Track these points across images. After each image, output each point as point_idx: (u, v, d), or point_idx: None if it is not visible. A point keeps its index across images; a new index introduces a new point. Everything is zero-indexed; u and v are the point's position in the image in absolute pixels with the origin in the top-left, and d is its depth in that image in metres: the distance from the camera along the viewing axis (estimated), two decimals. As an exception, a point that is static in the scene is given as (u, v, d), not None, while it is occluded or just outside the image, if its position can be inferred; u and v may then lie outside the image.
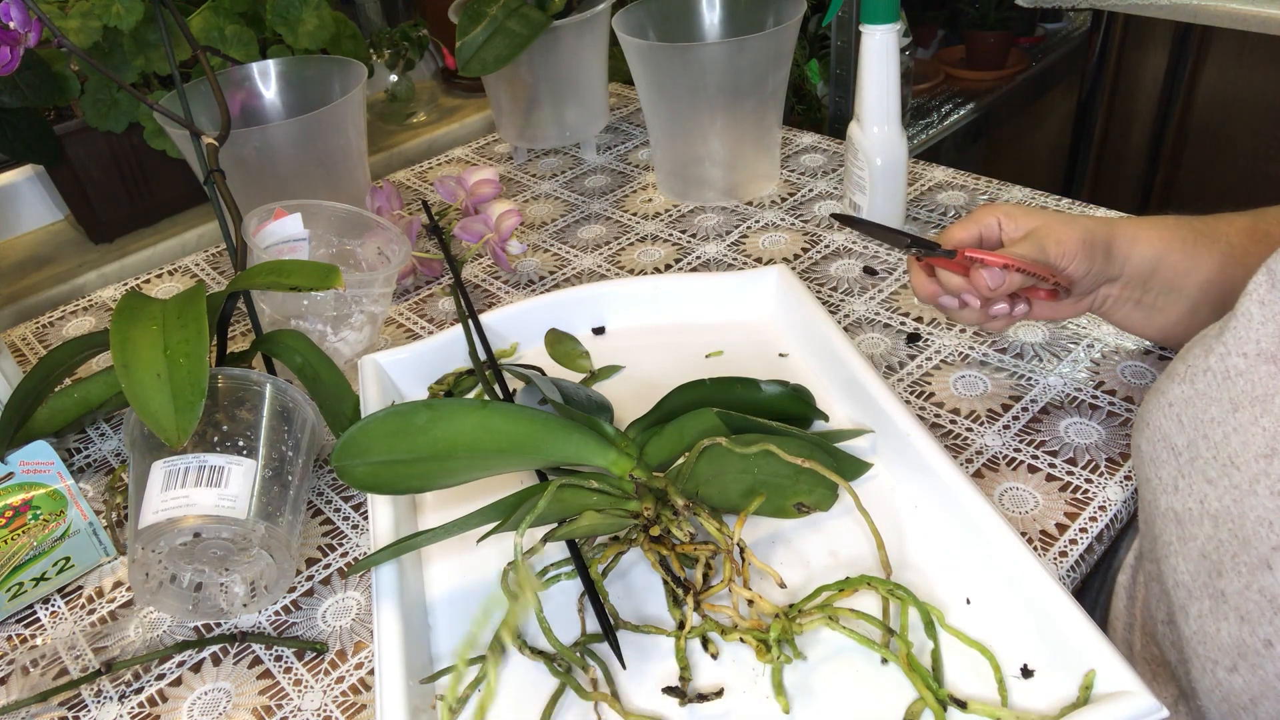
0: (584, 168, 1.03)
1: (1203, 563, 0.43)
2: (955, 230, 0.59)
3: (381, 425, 0.49)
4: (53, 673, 0.55)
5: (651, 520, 0.50)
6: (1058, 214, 0.57)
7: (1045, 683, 0.45)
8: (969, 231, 0.58)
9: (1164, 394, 0.47)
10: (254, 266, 0.59)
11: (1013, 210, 0.59)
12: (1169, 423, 0.46)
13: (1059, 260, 0.56)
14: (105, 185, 0.98)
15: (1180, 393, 0.45)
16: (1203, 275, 0.57)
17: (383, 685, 0.45)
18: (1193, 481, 0.44)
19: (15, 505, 0.56)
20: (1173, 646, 0.47)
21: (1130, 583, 0.57)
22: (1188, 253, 0.57)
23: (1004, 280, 0.56)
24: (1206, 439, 0.43)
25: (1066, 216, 0.57)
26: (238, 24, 0.90)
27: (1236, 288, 0.50)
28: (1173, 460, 0.45)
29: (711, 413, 0.53)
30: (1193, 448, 0.44)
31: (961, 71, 1.79)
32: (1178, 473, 0.45)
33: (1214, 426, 0.43)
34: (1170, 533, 0.45)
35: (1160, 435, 0.46)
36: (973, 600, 0.49)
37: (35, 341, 0.86)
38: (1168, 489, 0.45)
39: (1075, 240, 0.55)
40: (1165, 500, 0.46)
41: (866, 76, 0.76)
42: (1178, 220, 0.58)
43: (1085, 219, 0.57)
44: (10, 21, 0.64)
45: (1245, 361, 0.42)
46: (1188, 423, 0.44)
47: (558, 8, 0.92)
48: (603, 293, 0.73)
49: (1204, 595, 0.43)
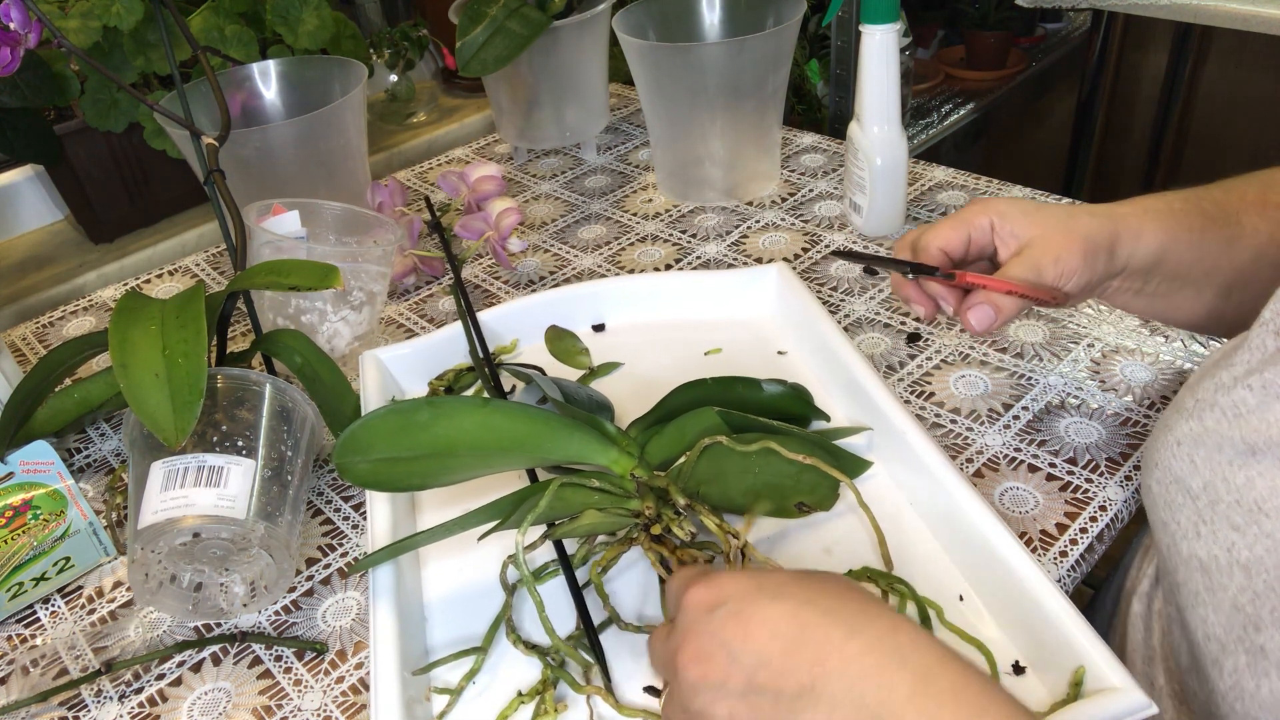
0: (584, 168, 1.03)
1: (1236, 615, 0.40)
2: (943, 229, 0.55)
3: (383, 422, 0.49)
4: (53, 673, 0.55)
5: (652, 519, 0.50)
6: (1056, 217, 0.52)
7: (1036, 679, 0.45)
8: (958, 234, 0.54)
9: (1171, 430, 0.44)
10: (254, 266, 0.59)
11: (1007, 212, 0.53)
12: (1179, 463, 0.43)
13: (1058, 281, 0.52)
14: (105, 185, 0.98)
15: (1189, 430, 0.43)
16: (1210, 262, 0.53)
17: (377, 677, 0.45)
18: (1216, 528, 0.41)
19: (15, 505, 0.56)
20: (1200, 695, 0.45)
21: (1146, 612, 0.55)
22: (1195, 242, 0.52)
23: (994, 319, 0.52)
24: (1226, 483, 0.41)
25: (1066, 221, 0.52)
26: (238, 24, 0.90)
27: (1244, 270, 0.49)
28: (1189, 504, 0.43)
29: (712, 411, 0.53)
30: (1211, 490, 0.42)
31: (961, 71, 1.79)
32: (1197, 518, 0.42)
33: (1232, 470, 0.40)
34: (1196, 581, 0.43)
35: (1171, 477, 0.44)
36: (965, 597, 0.49)
37: (35, 341, 0.86)
38: (1188, 535, 0.43)
39: (1076, 256, 0.51)
40: (1187, 546, 0.43)
41: (866, 76, 0.76)
42: (1185, 204, 0.53)
43: (1086, 219, 0.52)
44: (10, 22, 0.64)
45: (1254, 396, 0.40)
46: (1201, 464, 0.42)
47: (558, 8, 0.92)
48: (603, 290, 0.73)
49: (1239, 650, 0.41)
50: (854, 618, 0.35)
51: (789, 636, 0.35)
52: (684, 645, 0.38)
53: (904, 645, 0.34)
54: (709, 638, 0.37)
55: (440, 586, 0.55)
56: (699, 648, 0.37)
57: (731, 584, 0.38)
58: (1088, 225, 0.52)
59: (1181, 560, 0.44)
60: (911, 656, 0.34)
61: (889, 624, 0.35)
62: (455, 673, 0.49)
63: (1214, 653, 0.42)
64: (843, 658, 0.34)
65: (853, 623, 0.35)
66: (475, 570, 0.55)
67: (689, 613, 0.39)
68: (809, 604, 0.36)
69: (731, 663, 0.36)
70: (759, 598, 0.37)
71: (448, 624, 0.52)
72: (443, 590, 0.54)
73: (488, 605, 0.53)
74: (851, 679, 0.34)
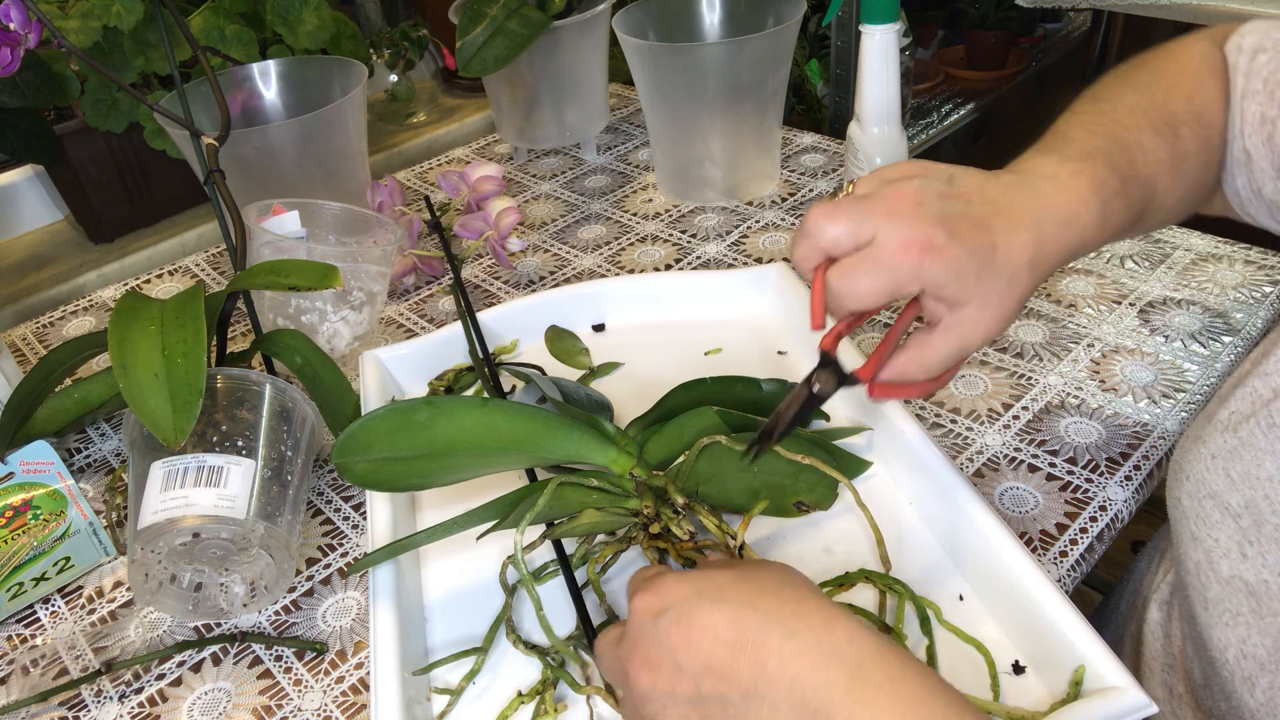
0: (584, 168, 1.03)
1: None
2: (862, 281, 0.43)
3: (382, 422, 0.49)
4: (53, 673, 0.55)
5: (651, 518, 0.50)
6: (996, 288, 0.43)
7: (1036, 679, 0.45)
8: (878, 297, 0.43)
9: (1205, 443, 0.43)
10: (254, 266, 0.59)
11: (944, 282, 0.42)
12: (1215, 477, 0.42)
13: (982, 346, 0.48)
14: (105, 185, 0.98)
15: (1223, 443, 0.42)
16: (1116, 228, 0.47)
17: (377, 677, 0.45)
18: (1265, 549, 0.40)
19: (15, 505, 0.56)
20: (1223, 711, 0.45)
21: (1165, 620, 0.55)
22: (1101, 229, 0.46)
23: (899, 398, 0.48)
24: (1269, 500, 0.40)
25: (1009, 288, 0.43)
26: (238, 24, 0.90)
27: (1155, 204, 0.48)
28: (1230, 522, 0.42)
29: (712, 411, 0.53)
30: (1254, 510, 0.40)
31: (961, 71, 1.79)
32: (1242, 538, 0.41)
33: (1274, 486, 0.40)
34: (1239, 603, 0.42)
35: (1207, 491, 0.43)
36: (965, 597, 0.49)
37: (35, 341, 0.86)
38: (1231, 555, 0.42)
39: (1009, 321, 0.44)
40: (1229, 566, 0.42)
41: (866, 76, 0.76)
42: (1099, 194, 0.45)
43: (1026, 279, 0.43)
44: (10, 23, 0.64)
45: None
46: (1239, 479, 0.41)
47: (558, 8, 0.92)
48: (603, 290, 0.73)
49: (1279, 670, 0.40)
50: (790, 619, 0.36)
51: (730, 641, 0.36)
52: (632, 654, 0.39)
53: (839, 642, 0.35)
54: (655, 646, 0.38)
55: (440, 586, 0.55)
56: (645, 656, 0.38)
57: (674, 590, 0.39)
58: (1029, 282, 0.44)
59: (1219, 579, 0.43)
60: (847, 651, 0.35)
61: (823, 621, 0.36)
62: (455, 673, 0.49)
63: (1249, 670, 0.42)
64: (780, 659, 0.35)
65: (789, 624, 0.36)
66: (475, 570, 0.55)
67: (634, 620, 0.39)
68: (748, 606, 0.37)
69: (678, 670, 0.37)
70: (700, 603, 0.38)
71: (448, 624, 0.52)
72: (443, 590, 0.54)
73: (488, 605, 0.53)
74: (790, 680, 0.35)
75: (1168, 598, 0.56)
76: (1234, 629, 0.42)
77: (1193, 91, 0.51)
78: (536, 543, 0.51)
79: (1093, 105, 0.50)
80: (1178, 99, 0.50)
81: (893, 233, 0.42)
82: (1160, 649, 0.55)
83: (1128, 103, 0.50)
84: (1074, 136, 0.48)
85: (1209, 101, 0.51)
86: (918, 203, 0.42)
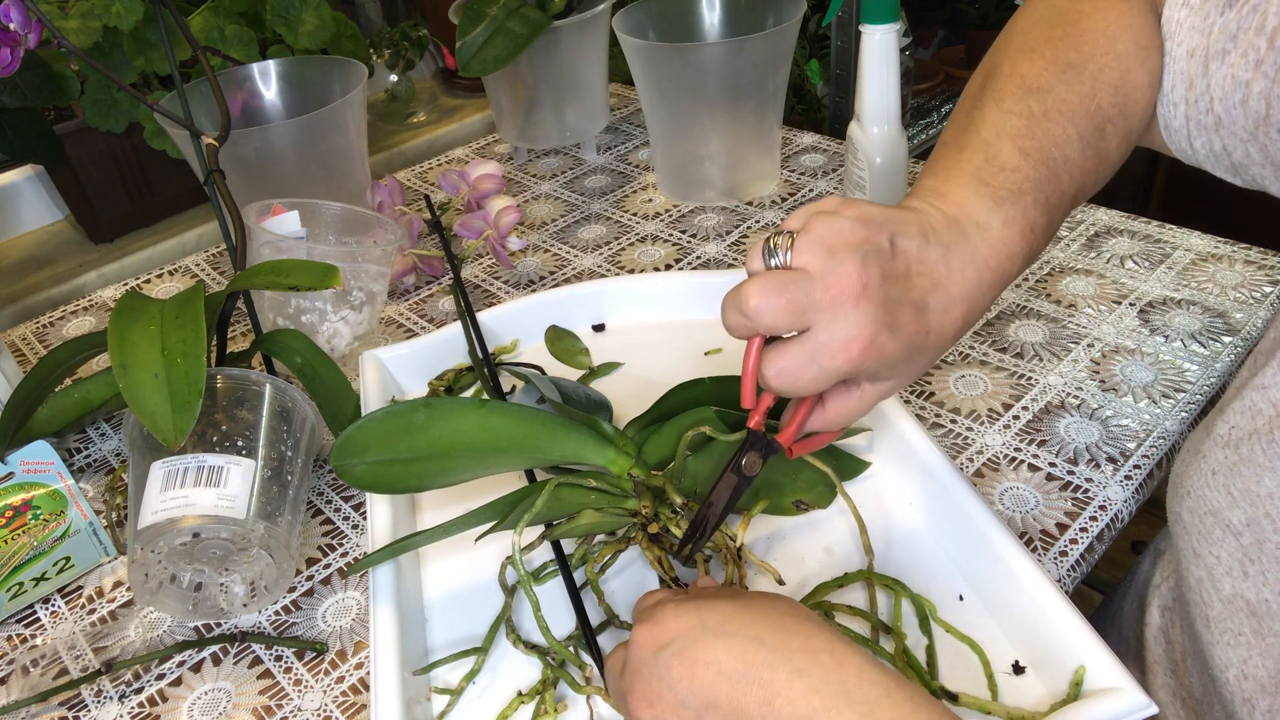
0: (584, 168, 1.03)
1: None
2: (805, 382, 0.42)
3: (380, 424, 0.49)
4: (53, 673, 0.55)
5: (650, 518, 0.50)
6: (920, 364, 0.43)
7: (1036, 679, 0.45)
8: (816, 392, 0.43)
9: (1205, 458, 0.43)
10: (254, 266, 0.59)
11: (879, 374, 0.43)
12: (1216, 494, 0.42)
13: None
14: (105, 185, 0.98)
15: (1223, 459, 0.41)
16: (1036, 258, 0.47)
17: (377, 677, 0.45)
18: (1266, 568, 0.40)
19: (15, 505, 0.56)
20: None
21: (1166, 626, 0.55)
22: (1024, 267, 0.46)
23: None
24: (1270, 519, 0.39)
25: (923, 364, 0.44)
26: (238, 24, 0.90)
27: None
28: (1231, 540, 0.41)
29: (710, 411, 0.53)
30: (1256, 528, 0.40)
31: (961, 71, 1.78)
32: (1243, 556, 0.41)
33: (1275, 503, 0.39)
34: (1240, 622, 0.42)
35: (1208, 508, 0.42)
36: (965, 597, 0.49)
37: (35, 341, 0.86)
38: (1232, 573, 0.42)
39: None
40: (1230, 585, 0.42)
41: (866, 76, 0.76)
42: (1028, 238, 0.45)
43: (940, 351, 0.44)
44: (10, 23, 0.64)
45: None
46: (1240, 496, 0.40)
47: (558, 8, 0.92)
48: (603, 290, 0.73)
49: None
50: (798, 655, 0.35)
51: (735, 676, 0.35)
52: (633, 688, 0.38)
53: (849, 680, 0.35)
54: (656, 680, 0.37)
55: (440, 587, 0.55)
56: (646, 691, 0.37)
57: (675, 622, 0.38)
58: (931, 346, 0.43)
59: (1221, 597, 0.43)
60: (857, 692, 0.34)
61: (832, 658, 0.35)
62: (455, 673, 0.49)
63: (1249, 692, 0.41)
64: (789, 698, 0.34)
65: (797, 660, 0.35)
66: (475, 571, 0.55)
67: (635, 653, 0.39)
68: (754, 641, 0.36)
69: (680, 706, 0.36)
70: (703, 636, 0.37)
71: (448, 624, 0.52)
72: (443, 590, 0.54)
73: (488, 605, 0.53)
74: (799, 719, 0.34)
75: (1169, 603, 0.55)
76: (1235, 649, 0.42)
77: (1120, 79, 0.47)
78: (535, 543, 0.51)
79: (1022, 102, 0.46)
80: (1105, 89, 0.47)
81: (836, 330, 0.40)
82: (1162, 654, 0.54)
83: (1057, 101, 0.46)
84: (1005, 160, 0.45)
85: (1134, 89, 0.47)
86: (861, 289, 0.40)
